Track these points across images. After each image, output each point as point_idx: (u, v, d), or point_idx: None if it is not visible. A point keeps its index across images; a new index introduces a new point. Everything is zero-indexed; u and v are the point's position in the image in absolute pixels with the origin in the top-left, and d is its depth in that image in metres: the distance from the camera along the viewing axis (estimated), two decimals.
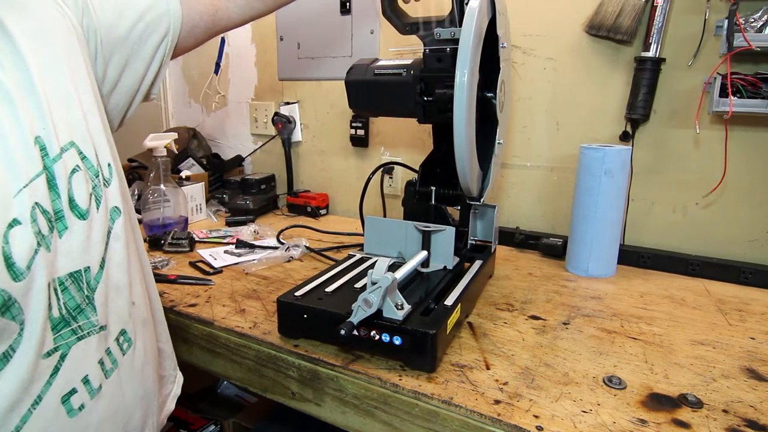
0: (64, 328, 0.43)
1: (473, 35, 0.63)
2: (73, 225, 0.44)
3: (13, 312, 0.39)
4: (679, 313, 0.77)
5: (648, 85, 0.96)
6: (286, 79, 1.46)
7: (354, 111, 0.97)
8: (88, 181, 0.46)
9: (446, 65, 0.73)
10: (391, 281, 0.57)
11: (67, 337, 0.44)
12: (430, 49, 0.75)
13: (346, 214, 1.40)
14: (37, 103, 0.43)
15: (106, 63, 0.55)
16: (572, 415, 0.51)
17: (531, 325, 0.71)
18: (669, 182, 1.01)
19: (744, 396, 0.55)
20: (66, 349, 0.44)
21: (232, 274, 0.92)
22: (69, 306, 0.44)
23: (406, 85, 0.77)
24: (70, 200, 0.44)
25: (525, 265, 0.99)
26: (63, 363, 0.43)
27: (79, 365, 0.45)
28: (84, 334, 0.45)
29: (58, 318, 0.43)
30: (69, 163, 0.44)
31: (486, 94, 0.74)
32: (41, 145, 0.42)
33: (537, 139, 1.12)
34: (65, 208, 0.43)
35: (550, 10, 1.05)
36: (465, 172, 0.69)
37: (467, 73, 0.63)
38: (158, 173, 1.13)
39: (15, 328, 0.39)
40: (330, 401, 0.62)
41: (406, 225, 0.80)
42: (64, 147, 0.44)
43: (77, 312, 0.45)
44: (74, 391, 0.44)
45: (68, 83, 0.47)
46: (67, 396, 0.44)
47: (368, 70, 0.82)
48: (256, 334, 0.68)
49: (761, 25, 0.83)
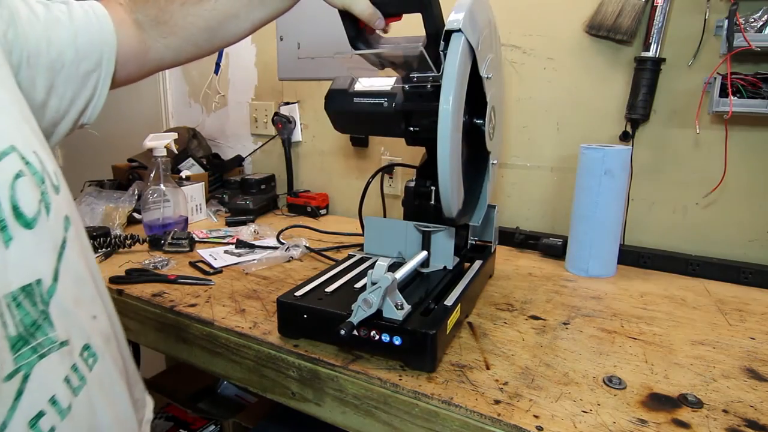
0: (24, 347, 0.40)
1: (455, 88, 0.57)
2: (18, 234, 0.40)
3: None
4: (679, 313, 0.77)
5: (648, 85, 0.96)
6: (286, 79, 1.46)
7: (340, 133, 0.93)
8: (35, 188, 0.42)
9: (428, 101, 0.68)
10: (391, 281, 0.57)
11: (27, 356, 0.40)
12: (410, 86, 0.70)
13: (346, 214, 1.40)
14: None
15: (32, 80, 0.52)
16: (572, 415, 0.51)
17: (531, 325, 0.71)
18: (669, 182, 1.01)
19: (744, 396, 0.55)
20: (28, 369, 0.40)
21: (232, 274, 0.92)
22: (25, 322, 0.40)
23: (389, 116, 0.74)
24: (14, 208, 0.40)
25: (525, 265, 0.99)
26: (26, 384, 0.40)
27: (44, 385, 0.41)
28: (45, 352, 0.41)
29: (16, 336, 0.39)
30: (10, 168, 0.40)
31: (475, 121, 0.70)
32: None
33: (537, 139, 1.12)
34: (8, 217, 0.39)
35: (550, 10, 1.05)
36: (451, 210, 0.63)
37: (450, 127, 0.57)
38: (158, 173, 1.13)
39: None
40: (330, 401, 0.62)
41: (406, 225, 0.80)
42: (5, 151, 0.40)
43: (34, 328, 0.41)
44: (42, 413, 0.41)
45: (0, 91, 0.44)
46: (34, 420, 0.40)
47: (347, 97, 0.77)
48: (256, 334, 0.68)
49: (761, 25, 0.83)
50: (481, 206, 0.77)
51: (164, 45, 0.64)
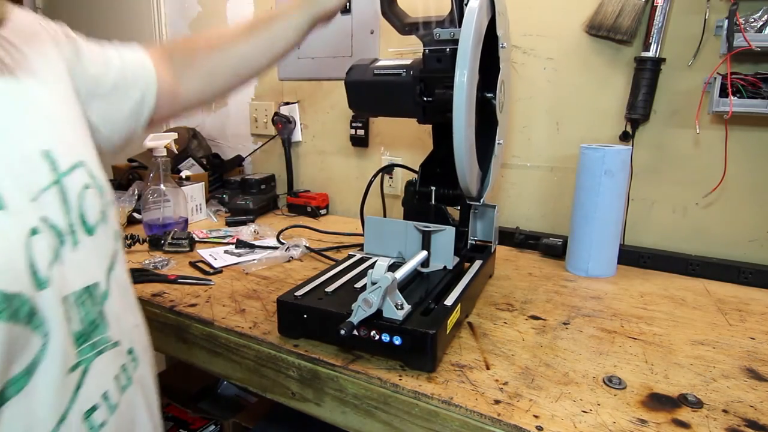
0: (84, 342, 0.44)
1: (473, 35, 0.63)
2: (83, 239, 0.45)
3: (36, 322, 0.39)
4: (679, 313, 0.77)
5: (648, 85, 0.96)
6: (286, 79, 1.46)
7: (353, 111, 0.97)
8: (98, 199, 0.47)
9: (446, 66, 0.73)
10: (391, 281, 0.57)
11: (87, 352, 0.44)
12: (430, 49, 0.74)
13: (346, 214, 1.40)
14: (49, 120, 0.45)
15: (86, 109, 0.56)
16: (572, 415, 0.51)
17: (531, 325, 0.71)
18: (669, 182, 1.01)
19: (744, 396, 0.55)
20: (87, 363, 0.44)
21: (232, 274, 0.92)
22: (86, 320, 0.44)
23: (406, 85, 0.77)
24: (81, 215, 0.45)
25: (525, 265, 0.99)
26: (84, 378, 0.43)
27: (98, 381, 0.45)
28: (101, 349, 0.45)
29: (79, 332, 0.43)
30: (80, 179, 0.45)
31: (486, 95, 0.74)
32: (51, 159, 0.43)
33: (537, 139, 1.12)
34: (76, 222, 0.44)
35: (550, 10, 1.05)
36: (464, 173, 0.69)
37: (467, 74, 0.63)
38: (158, 173, 1.13)
39: (38, 341, 0.39)
40: (330, 401, 0.62)
41: (406, 225, 0.80)
42: (76, 164, 0.46)
43: (93, 327, 0.45)
44: (95, 407, 0.44)
45: (72, 111, 0.50)
46: (89, 413, 0.43)
47: (368, 70, 0.81)
48: (256, 334, 0.68)
49: (761, 25, 0.83)
50: (486, 184, 0.80)
51: (187, 89, 0.69)
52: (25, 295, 0.37)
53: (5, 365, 0.36)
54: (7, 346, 0.36)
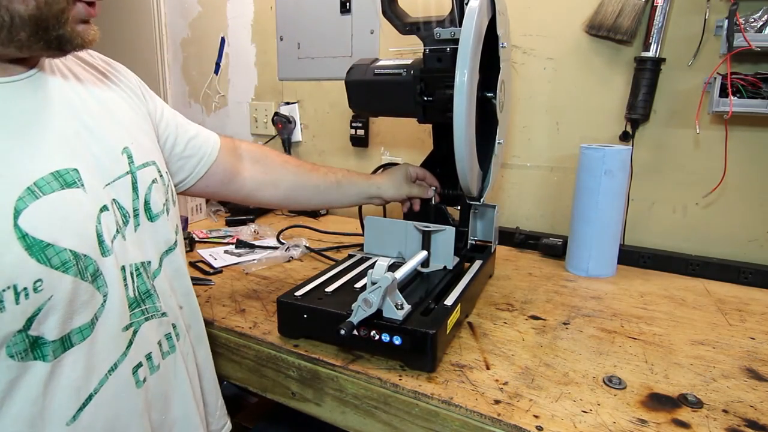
0: (137, 308, 0.52)
1: (473, 35, 0.63)
2: (144, 223, 0.54)
3: (99, 282, 0.47)
4: (679, 313, 0.77)
5: (648, 85, 0.96)
6: (286, 79, 1.46)
7: (354, 111, 0.97)
8: (163, 194, 0.57)
9: (446, 65, 0.73)
10: (391, 281, 0.57)
11: (138, 316, 0.52)
12: (430, 49, 0.75)
13: (346, 214, 1.40)
14: (130, 126, 0.56)
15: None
16: (572, 415, 0.51)
17: (531, 325, 0.71)
18: (669, 182, 1.01)
19: (744, 396, 0.55)
20: (138, 326, 0.51)
21: (232, 274, 0.92)
22: (140, 290, 0.52)
23: (406, 84, 0.77)
24: (146, 203, 0.54)
25: (525, 265, 0.99)
26: (135, 338, 0.51)
27: (145, 342, 0.52)
28: (150, 316, 0.53)
29: (133, 298, 0.51)
30: (150, 174, 0.55)
31: (486, 94, 0.74)
32: (129, 154, 0.53)
33: (537, 139, 1.12)
34: (141, 208, 0.53)
35: (550, 10, 1.05)
36: (465, 172, 0.69)
37: (467, 73, 0.63)
38: None
39: (99, 298, 0.47)
40: (330, 401, 0.62)
41: (406, 225, 0.80)
42: (148, 162, 0.55)
43: (146, 296, 0.53)
44: (140, 364, 0.51)
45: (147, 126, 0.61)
46: (135, 368, 0.51)
47: (368, 70, 0.81)
48: (256, 334, 0.68)
49: (761, 25, 0.83)
50: (487, 184, 0.80)
51: (251, 176, 0.78)
52: (91, 258, 0.46)
53: (68, 315, 0.44)
54: (72, 295, 0.44)
